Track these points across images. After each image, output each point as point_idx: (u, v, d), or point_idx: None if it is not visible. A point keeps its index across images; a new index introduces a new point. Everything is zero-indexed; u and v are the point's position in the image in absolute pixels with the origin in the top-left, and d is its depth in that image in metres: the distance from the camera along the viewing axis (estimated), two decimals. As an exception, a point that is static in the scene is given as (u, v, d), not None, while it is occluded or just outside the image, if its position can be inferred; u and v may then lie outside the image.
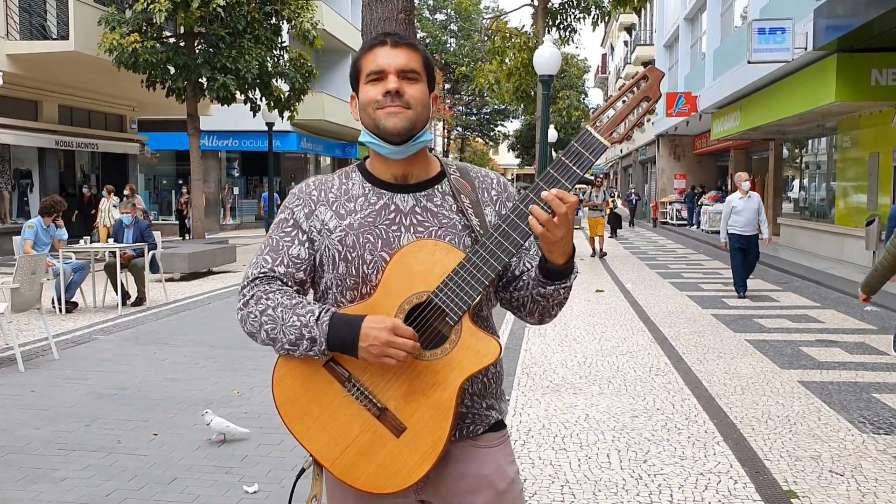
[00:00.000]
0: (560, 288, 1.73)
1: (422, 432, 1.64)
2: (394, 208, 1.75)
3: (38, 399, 5.80)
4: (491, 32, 21.90)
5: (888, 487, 4.14)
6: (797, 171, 21.05)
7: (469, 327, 1.65)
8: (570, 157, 1.60)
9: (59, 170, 19.78)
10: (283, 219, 1.80)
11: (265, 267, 1.75)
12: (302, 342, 1.64)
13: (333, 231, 1.74)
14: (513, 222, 1.62)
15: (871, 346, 7.82)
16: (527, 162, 51.48)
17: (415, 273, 1.66)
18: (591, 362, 7.09)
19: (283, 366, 1.70)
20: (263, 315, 1.69)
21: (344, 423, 1.66)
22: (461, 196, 1.77)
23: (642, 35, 42.19)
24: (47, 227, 9.74)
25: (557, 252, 1.65)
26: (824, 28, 12.18)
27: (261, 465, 4.41)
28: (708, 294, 11.73)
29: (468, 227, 1.75)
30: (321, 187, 1.81)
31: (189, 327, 8.81)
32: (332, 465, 1.67)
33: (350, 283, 1.73)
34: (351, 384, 1.67)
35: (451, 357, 1.64)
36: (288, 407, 1.69)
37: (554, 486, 4.15)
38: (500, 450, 1.82)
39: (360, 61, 1.77)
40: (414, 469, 1.64)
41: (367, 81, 1.74)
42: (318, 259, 1.77)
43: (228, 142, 28.69)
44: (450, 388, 1.64)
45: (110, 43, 15.19)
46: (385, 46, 1.73)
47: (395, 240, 1.72)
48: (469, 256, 1.63)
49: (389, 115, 1.70)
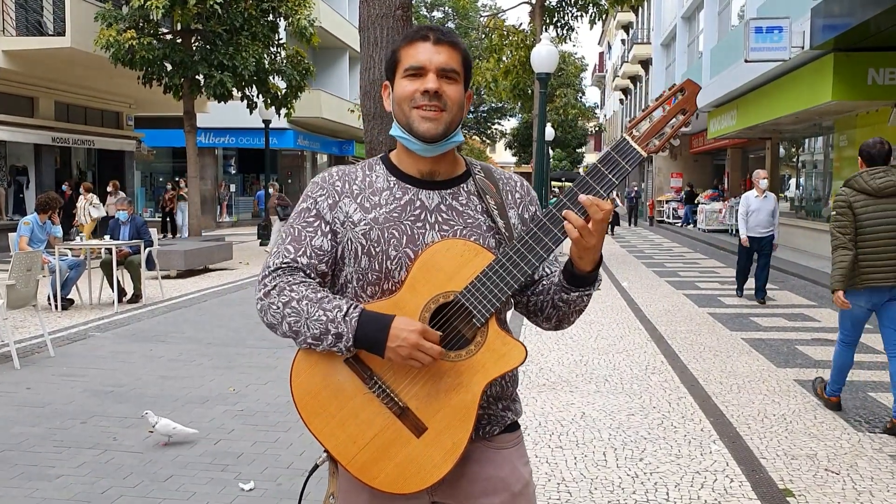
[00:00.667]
0: (584, 295, 1.71)
1: (443, 433, 1.62)
2: (419, 204, 1.73)
3: (33, 396, 5.79)
4: (488, 30, 21.87)
5: (884, 486, 4.15)
6: (794, 170, 21.08)
7: (496, 330, 1.63)
8: (607, 165, 1.59)
9: (56, 166, 19.74)
10: (306, 208, 1.75)
11: (287, 257, 1.71)
12: (327, 337, 1.61)
13: (357, 224, 1.71)
14: (544, 226, 1.60)
15: (866, 346, 7.83)
16: (524, 160, 51.50)
17: (443, 272, 1.64)
18: (587, 360, 7.09)
19: (304, 360, 1.67)
20: (287, 307, 1.65)
21: (364, 421, 1.64)
22: (487, 197, 1.75)
23: (640, 34, 42.20)
24: (43, 224, 9.72)
25: (588, 259, 1.64)
26: (821, 27, 12.18)
27: (257, 463, 4.40)
28: (704, 293, 11.74)
29: (493, 229, 1.74)
30: (345, 178, 1.77)
31: (185, 325, 8.79)
32: (349, 462, 1.65)
33: (372, 277, 1.71)
34: (373, 382, 1.65)
35: (476, 359, 1.63)
36: (307, 401, 1.66)
37: (550, 484, 4.15)
38: (516, 451, 1.81)
39: (399, 52, 1.72)
40: (434, 470, 1.62)
41: (404, 75, 1.70)
42: (339, 252, 1.74)
43: (225, 139, 28.64)
44: (473, 390, 1.62)
45: (107, 39, 15.16)
46: (427, 42, 1.70)
47: (420, 237, 1.70)
48: (499, 258, 1.61)
49: (424, 120, 1.68)
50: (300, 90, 18.95)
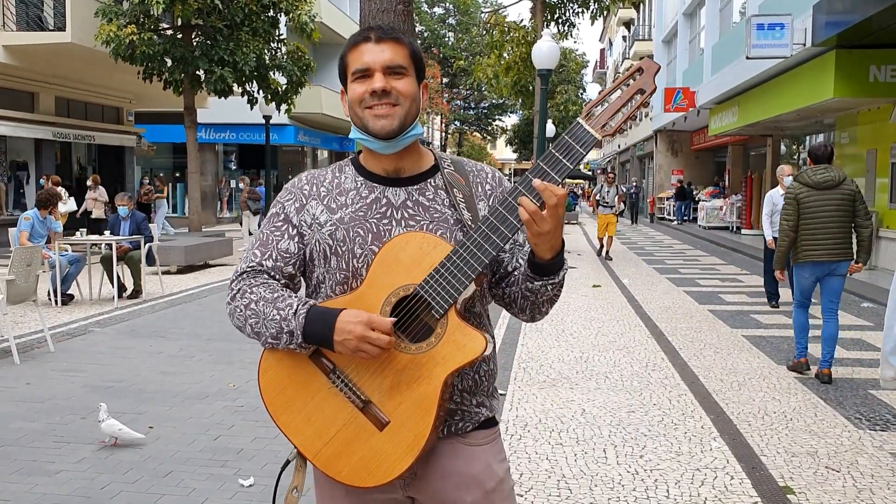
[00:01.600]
0: (548, 284, 1.69)
1: (405, 426, 1.62)
2: (385, 202, 1.74)
3: (33, 391, 5.78)
4: (489, 26, 21.84)
5: (884, 484, 4.14)
6: (795, 167, 21.03)
7: (455, 321, 1.62)
8: (561, 150, 1.58)
9: (56, 162, 19.72)
10: (275, 213, 1.80)
11: (253, 261, 1.75)
12: (282, 335, 1.64)
13: (324, 225, 1.74)
14: (501, 215, 1.59)
15: (867, 343, 7.83)
16: (524, 157, 51.47)
17: (402, 265, 1.64)
18: (587, 357, 7.08)
19: (270, 357, 1.70)
20: (248, 309, 1.69)
21: (328, 416, 1.66)
22: (454, 190, 1.76)
23: (641, 30, 42.13)
24: (44, 220, 9.71)
25: (544, 246, 1.62)
26: (823, 24, 12.15)
27: (256, 459, 4.40)
28: (705, 290, 11.74)
29: (460, 222, 1.74)
30: (313, 181, 1.81)
31: (185, 320, 8.79)
32: (315, 457, 1.67)
33: (340, 277, 1.73)
34: (336, 376, 1.66)
35: (437, 351, 1.62)
36: (273, 397, 1.69)
37: (550, 480, 4.15)
38: (490, 448, 1.80)
39: (346, 57, 1.75)
40: (396, 463, 1.62)
41: (353, 79, 1.72)
42: (308, 253, 1.77)
43: (225, 135, 28.60)
44: (434, 381, 1.61)
45: (107, 34, 15.13)
46: (369, 42, 1.72)
47: (386, 233, 1.71)
48: (456, 249, 1.61)
49: (377, 118, 1.70)
50: (301, 86, 18.92)
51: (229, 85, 16.86)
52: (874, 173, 14.44)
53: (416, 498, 1.78)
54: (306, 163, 34.01)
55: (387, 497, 1.76)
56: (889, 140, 13.83)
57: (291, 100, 18.99)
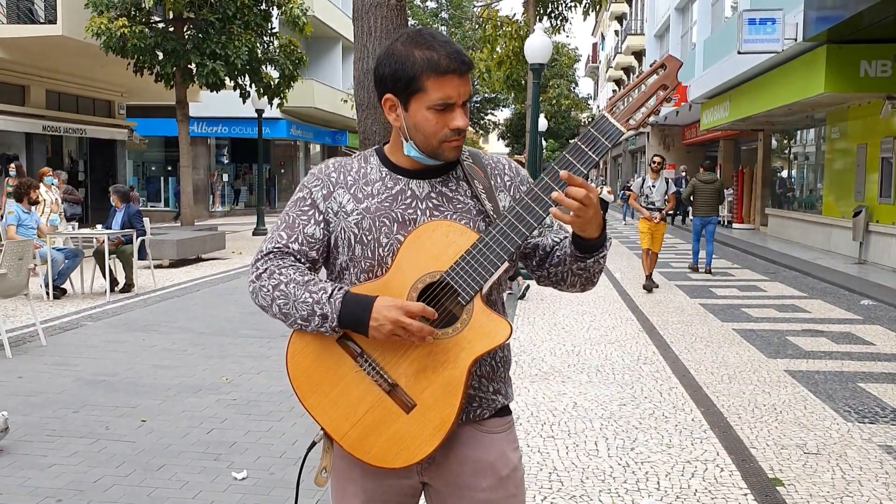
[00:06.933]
0: (599, 258, 1.76)
1: (431, 409, 1.66)
2: (410, 194, 1.77)
3: (25, 385, 5.78)
4: (482, 21, 21.81)
5: (872, 475, 4.19)
6: (786, 161, 21.13)
7: (481, 308, 1.67)
8: (587, 142, 1.62)
9: (47, 155, 19.62)
10: (301, 197, 1.81)
11: (280, 242, 1.77)
12: (314, 318, 1.67)
13: (350, 214, 1.76)
14: (527, 205, 1.64)
15: (857, 336, 7.88)
16: (516, 150, 51.42)
17: (429, 253, 1.68)
18: (579, 351, 7.11)
19: (298, 340, 1.74)
20: (276, 290, 1.71)
21: (355, 398, 1.69)
22: (475, 181, 1.80)
23: (633, 25, 42.18)
24: (29, 212, 9.68)
25: (593, 226, 1.68)
26: (814, 19, 12.20)
27: (249, 452, 4.41)
28: (696, 284, 11.78)
29: (482, 212, 1.78)
30: (340, 169, 1.82)
31: (178, 314, 8.78)
32: (342, 438, 1.70)
33: (365, 265, 1.76)
34: (363, 360, 1.70)
35: (463, 336, 1.66)
36: (301, 380, 1.72)
37: (542, 473, 4.17)
38: (505, 436, 1.85)
39: (423, 79, 1.66)
40: (423, 445, 1.66)
41: (430, 106, 1.68)
42: (332, 240, 1.80)
43: (218, 128, 28.52)
44: (460, 366, 1.66)
45: (98, 27, 15.05)
46: (456, 75, 1.68)
47: (412, 223, 1.75)
48: (482, 237, 1.65)
49: (454, 150, 1.73)
50: (293, 80, 18.88)
51: (221, 78, 16.81)
52: (864, 168, 14.50)
53: (430, 483, 1.82)
54: (299, 157, 33.97)
55: (402, 482, 1.80)
56: (879, 135, 13.89)
57: (284, 94, 18.95)
